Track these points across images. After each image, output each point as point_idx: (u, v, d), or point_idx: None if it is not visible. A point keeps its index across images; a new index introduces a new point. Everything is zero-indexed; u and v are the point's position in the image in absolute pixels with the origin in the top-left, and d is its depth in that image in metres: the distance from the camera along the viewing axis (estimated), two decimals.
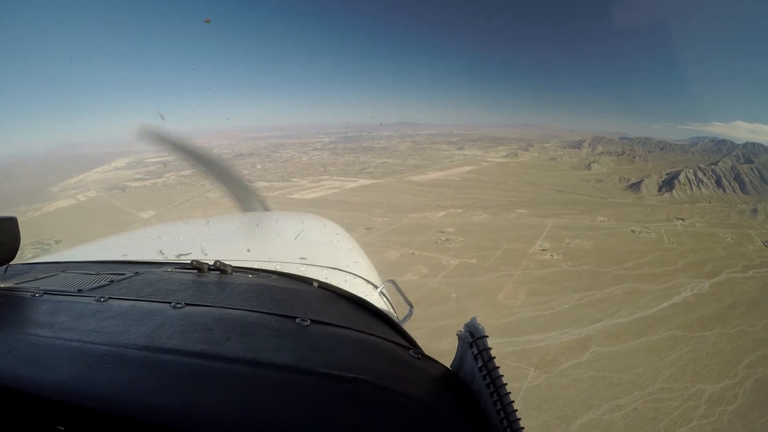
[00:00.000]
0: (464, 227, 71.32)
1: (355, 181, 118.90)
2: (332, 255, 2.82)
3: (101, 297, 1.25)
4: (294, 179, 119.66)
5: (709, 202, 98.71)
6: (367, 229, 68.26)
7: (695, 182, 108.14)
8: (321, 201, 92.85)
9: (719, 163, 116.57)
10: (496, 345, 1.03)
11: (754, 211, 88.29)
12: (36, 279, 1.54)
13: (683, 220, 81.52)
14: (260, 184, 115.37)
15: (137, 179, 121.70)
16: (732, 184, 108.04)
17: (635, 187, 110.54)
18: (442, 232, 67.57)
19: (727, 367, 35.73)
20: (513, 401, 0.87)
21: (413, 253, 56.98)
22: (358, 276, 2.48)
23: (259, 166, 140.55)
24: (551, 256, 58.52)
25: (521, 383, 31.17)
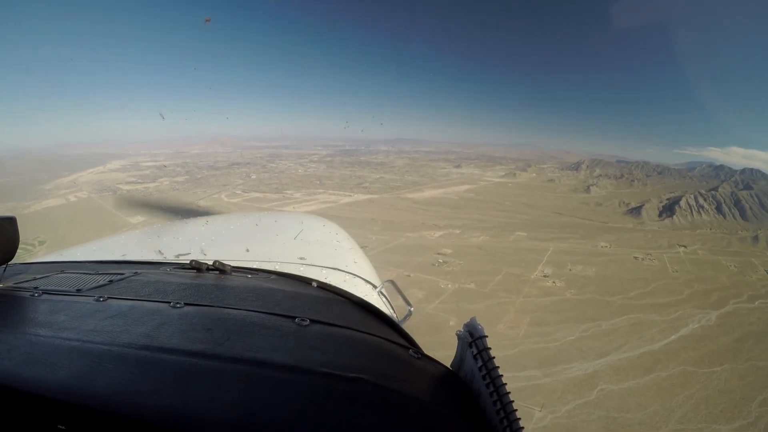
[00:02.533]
0: (462, 249, 69.32)
1: (350, 195, 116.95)
2: (331, 255, 2.85)
3: (100, 297, 1.27)
4: (288, 191, 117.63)
5: (710, 229, 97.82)
6: (362, 247, 65.62)
7: (696, 208, 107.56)
8: None
9: (719, 189, 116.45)
10: None
11: (755, 238, 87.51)
12: (35, 279, 1.55)
13: (685, 246, 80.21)
14: (254, 195, 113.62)
15: (130, 182, 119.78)
16: (732, 210, 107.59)
17: (635, 211, 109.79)
18: (439, 253, 65.54)
19: (740, 405, 34.10)
20: (513, 401, 0.88)
21: (409, 275, 54.78)
22: (358, 276, 2.49)
23: (254, 176, 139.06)
24: (553, 282, 56.55)
25: (526, 425, 28.48)
